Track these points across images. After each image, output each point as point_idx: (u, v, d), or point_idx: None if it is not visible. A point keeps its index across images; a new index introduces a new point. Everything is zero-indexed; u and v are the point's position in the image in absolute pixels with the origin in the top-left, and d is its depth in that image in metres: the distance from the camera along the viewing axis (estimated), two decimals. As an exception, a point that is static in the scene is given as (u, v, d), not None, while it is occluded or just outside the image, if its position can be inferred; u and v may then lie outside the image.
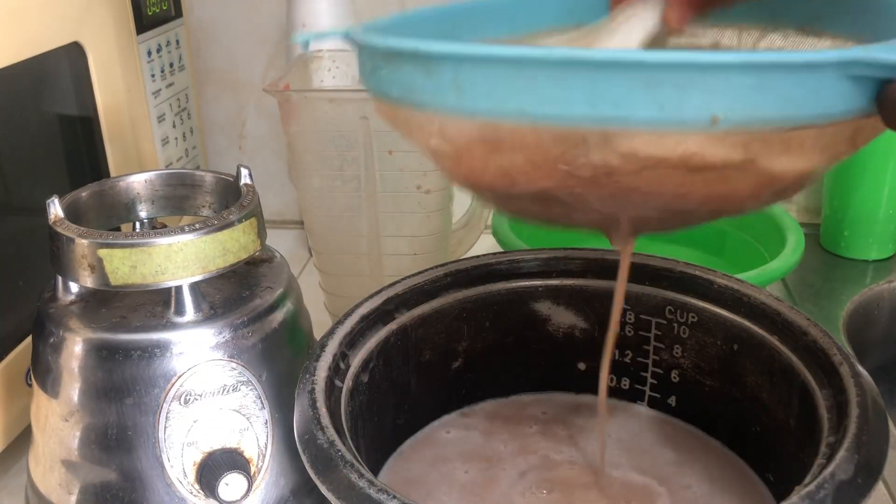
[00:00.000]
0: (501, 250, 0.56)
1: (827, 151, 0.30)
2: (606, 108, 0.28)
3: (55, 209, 0.43)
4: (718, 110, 0.27)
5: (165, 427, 0.42)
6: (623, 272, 0.42)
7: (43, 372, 0.44)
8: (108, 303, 0.44)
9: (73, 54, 0.57)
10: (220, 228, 0.42)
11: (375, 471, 0.46)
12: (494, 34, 0.43)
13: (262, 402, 0.44)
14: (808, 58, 0.27)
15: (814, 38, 0.40)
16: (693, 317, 0.48)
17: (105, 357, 0.42)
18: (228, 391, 0.43)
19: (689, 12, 0.37)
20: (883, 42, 0.29)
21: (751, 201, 0.33)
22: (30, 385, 0.46)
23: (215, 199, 0.49)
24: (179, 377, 0.42)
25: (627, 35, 0.38)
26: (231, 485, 0.41)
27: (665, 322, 0.49)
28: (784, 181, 0.31)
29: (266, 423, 0.44)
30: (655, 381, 0.50)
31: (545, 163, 0.30)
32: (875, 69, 0.27)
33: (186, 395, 0.42)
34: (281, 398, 0.44)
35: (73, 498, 0.43)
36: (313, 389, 0.39)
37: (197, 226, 0.42)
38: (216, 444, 0.42)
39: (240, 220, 0.43)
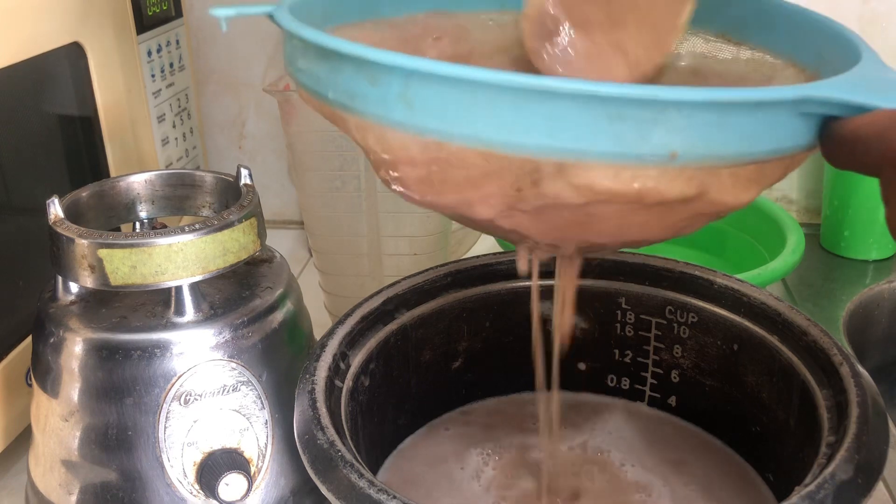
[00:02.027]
0: (501, 250, 0.56)
1: (766, 182, 0.31)
2: (565, 141, 0.27)
3: (55, 209, 0.43)
4: (678, 146, 0.27)
5: (165, 427, 0.42)
6: (567, 284, 0.41)
7: (43, 372, 0.44)
8: (108, 303, 0.44)
9: (73, 54, 0.57)
10: (220, 228, 0.42)
11: (375, 470, 0.46)
12: (415, 9, 0.41)
13: (262, 402, 0.44)
14: (768, 95, 0.27)
15: (733, 47, 0.40)
16: (693, 317, 0.48)
17: (105, 357, 0.42)
18: (228, 391, 0.43)
19: None
20: (831, 78, 0.29)
21: (689, 229, 0.33)
22: (30, 385, 0.46)
23: (215, 199, 0.49)
24: (179, 377, 0.42)
25: None
26: (231, 485, 0.41)
27: (665, 322, 0.49)
28: (726, 210, 0.31)
29: (266, 423, 0.44)
30: (655, 381, 0.50)
31: (493, 190, 0.29)
32: (826, 107, 0.28)
33: (186, 395, 0.42)
34: (281, 398, 0.44)
35: (73, 498, 0.43)
36: (313, 389, 0.39)
37: (197, 226, 0.42)
38: (216, 444, 0.42)
39: (240, 220, 0.43)
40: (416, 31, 0.42)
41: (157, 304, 0.43)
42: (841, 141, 0.28)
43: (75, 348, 0.42)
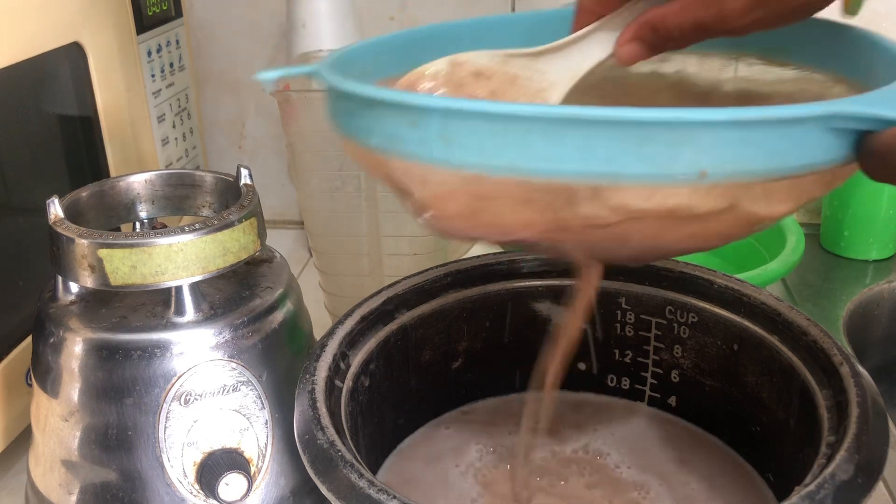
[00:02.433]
0: (501, 250, 0.56)
1: (805, 195, 0.31)
2: (598, 165, 0.28)
3: (55, 209, 0.43)
4: (707, 165, 0.27)
5: (165, 427, 0.42)
6: (585, 298, 0.41)
7: (43, 372, 0.44)
8: (108, 303, 0.44)
9: (73, 54, 0.57)
10: (220, 228, 0.42)
11: (375, 470, 0.46)
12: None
13: (262, 402, 0.44)
14: (792, 112, 0.28)
15: (778, 68, 0.41)
16: (693, 317, 0.48)
17: (105, 357, 0.42)
18: (228, 391, 0.43)
19: (640, 54, 0.37)
20: (863, 93, 0.30)
21: (727, 240, 0.33)
22: (30, 385, 0.46)
23: (215, 199, 0.49)
24: (179, 377, 0.42)
25: (579, 61, 0.38)
26: (231, 485, 0.41)
27: (665, 322, 0.49)
28: (763, 222, 0.31)
29: (266, 423, 0.44)
30: (655, 381, 0.50)
31: (532, 215, 0.31)
32: (855, 122, 0.28)
33: (186, 395, 0.42)
34: (281, 398, 0.44)
35: (73, 498, 0.43)
36: (313, 389, 0.39)
37: (197, 226, 0.42)
38: (216, 444, 0.42)
39: (240, 220, 0.43)
40: (454, 80, 0.42)
41: (157, 304, 0.43)
42: (876, 155, 0.28)
43: (75, 348, 0.42)
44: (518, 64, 0.39)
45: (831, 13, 0.38)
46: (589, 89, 0.42)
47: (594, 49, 0.38)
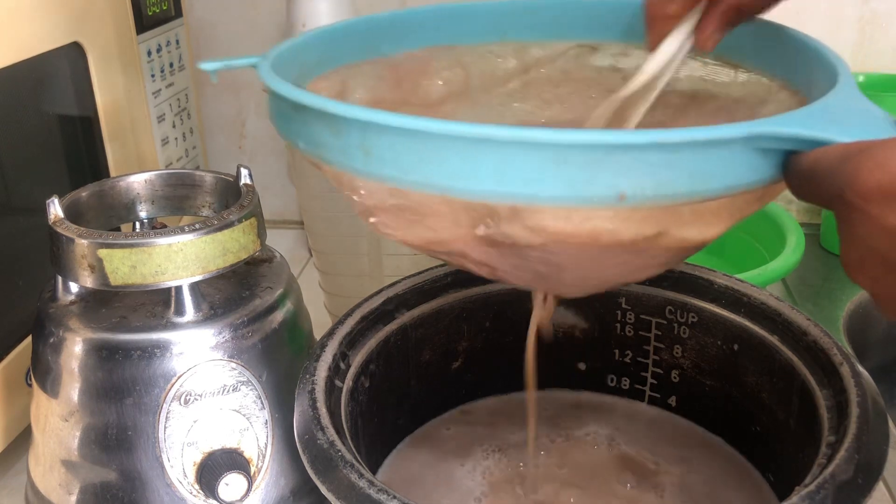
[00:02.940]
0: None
1: (736, 215, 0.31)
2: (514, 186, 0.27)
3: (55, 209, 0.43)
4: (626, 188, 0.27)
5: (165, 427, 0.42)
6: (535, 321, 0.42)
7: (43, 372, 0.44)
8: (108, 303, 0.44)
9: (73, 54, 0.57)
10: (220, 228, 0.42)
11: (375, 470, 0.46)
12: (414, 46, 0.42)
13: (262, 402, 0.44)
14: (714, 134, 0.27)
15: (730, 70, 0.41)
16: (693, 317, 0.48)
17: (105, 357, 0.42)
18: (228, 391, 0.43)
19: (720, 34, 0.37)
20: (787, 112, 0.29)
21: (663, 268, 0.33)
22: (30, 385, 0.46)
23: (215, 199, 0.49)
24: (179, 377, 0.42)
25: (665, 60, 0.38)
26: (231, 485, 0.41)
27: (665, 322, 0.49)
28: (696, 245, 0.31)
29: (266, 423, 0.44)
30: (655, 381, 0.50)
31: (457, 230, 0.30)
32: (780, 142, 0.28)
33: (186, 395, 0.42)
34: (281, 398, 0.44)
35: (73, 498, 0.43)
36: (313, 389, 0.39)
37: (197, 226, 0.41)
38: (216, 444, 0.42)
39: (240, 220, 0.43)
40: (414, 68, 0.42)
41: (157, 304, 0.43)
42: (799, 175, 0.28)
43: (75, 348, 0.42)
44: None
45: (823, 7, 0.38)
46: (547, 85, 0.42)
47: (673, 45, 0.38)
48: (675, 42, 0.38)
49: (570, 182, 0.27)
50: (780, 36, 0.39)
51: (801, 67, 0.37)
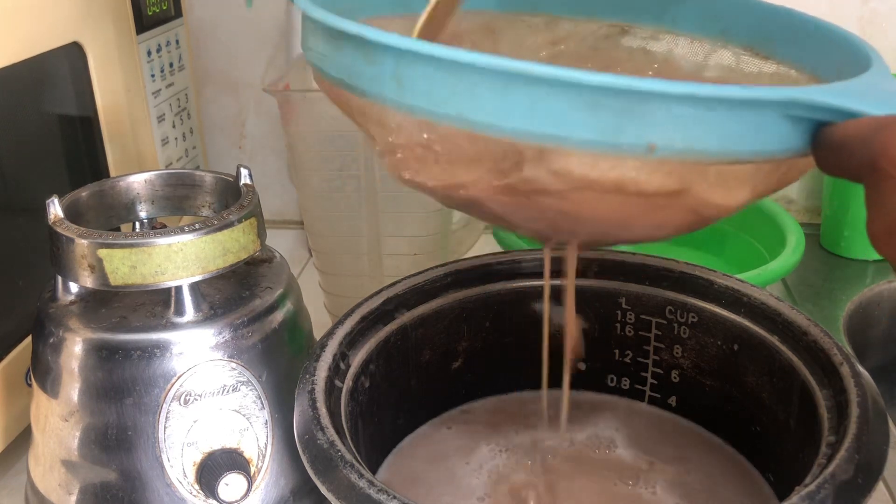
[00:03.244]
0: (501, 250, 0.56)
1: (760, 187, 0.30)
2: (544, 126, 0.27)
3: (55, 209, 0.43)
4: (656, 138, 0.27)
5: (165, 427, 0.42)
6: (570, 275, 0.41)
7: (43, 372, 0.44)
8: (108, 303, 0.44)
9: (73, 54, 0.57)
10: (220, 228, 0.42)
11: (375, 469, 0.46)
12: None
13: (262, 403, 0.44)
14: (748, 94, 0.27)
15: (760, 61, 0.41)
16: (693, 317, 0.48)
17: (105, 357, 0.42)
18: (228, 391, 0.43)
19: None
20: (823, 83, 0.29)
21: (680, 229, 0.33)
22: (30, 385, 0.46)
23: (215, 199, 0.49)
24: (179, 377, 0.42)
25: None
26: (231, 485, 0.41)
27: (665, 322, 0.49)
28: (715, 212, 0.31)
29: (266, 424, 0.44)
30: (655, 381, 0.50)
31: (480, 173, 0.30)
32: (813, 111, 0.28)
33: (186, 395, 0.42)
34: (281, 398, 0.44)
35: (73, 498, 0.43)
36: (313, 389, 0.39)
37: (197, 226, 0.41)
38: (216, 445, 0.42)
39: (240, 220, 0.43)
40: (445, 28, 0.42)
41: (157, 304, 0.43)
42: (829, 146, 0.28)
43: (75, 348, 0.42)
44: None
45: (824, 6, 0.38)
46: (575, 60, 0.42)
47: None
48: None
49: (602, 127, 0.27)
50: (809, 28, 0.38)
51: (831, 60, 0.37)
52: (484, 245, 0.69)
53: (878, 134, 0.26)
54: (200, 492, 0.42)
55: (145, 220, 0.50)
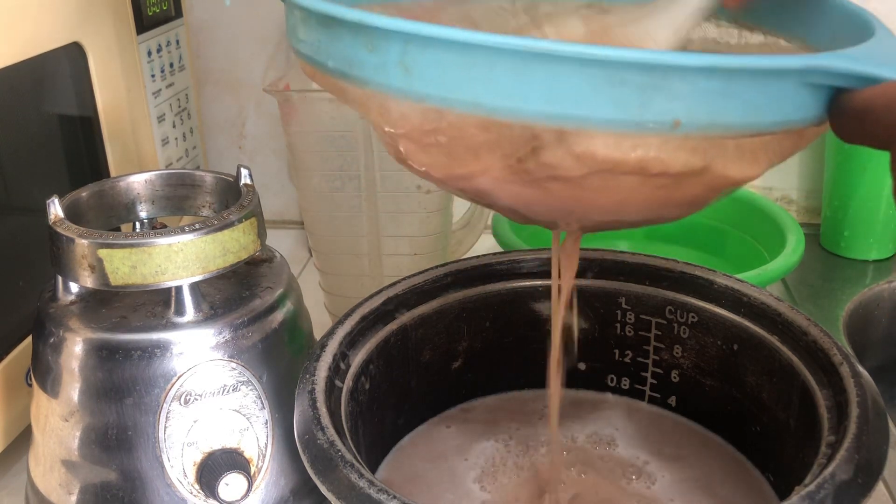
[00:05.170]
0: (501, 250, 0.56)
1: (773, 157, 0.30)
2: (565, 106, 0.26)
3: (55, 209, 0.43)
4: (681, 114, 0.26)
5: (165, 427, 0.42)
6: (569, 271, 0.40)
7: (43, 372, 0.44)
8: (108, 303, 0.44)
9: (73, 54, 0.57)
10: (220, 228, 0.42)
11: (375, 467, 0.46)
12: None
13: (262, 403, 0.44)
14: (770, 63, 0.27)
15: (746, 31, 0.40)
16: (693, 317, 0.48)
17: (105, 357, 0.42)
18: (228, 391, 0.43)
19: None
20: (838, 50, 0.29)
21: (692, 207, 0.32)
22: (30, 385, 0.46)
23: (215, 199, 0.49)
24: (179, 377, 0.42)
25: (677, 13, 0.36)
26: (231, 485, 0.41)
27: (665, 322, 0.49)
28: (732, 185, 0.30)
29: (266, 423, 0.44)
30: (655, 381, 0.50)
31: (490, 159, 0.29)
32: (833, 77, 0.27)
33: (186, 395, 0.42)
34: (281, 398, 0.44)
35: (73, 498, 0.43)
36: (313, 389, 0.39)
37: (197, 226, 0.42)
38: (216, 444, 0.42)
39: (240, 220, 0.43)
40: (422, 17, 0.41)
41: (157, 304, 0.43)
42: (850, 113, 0.27)
43: (75, 348, 0.42)
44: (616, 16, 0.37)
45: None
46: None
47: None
48: None
49: (625, 104, 0.26)
50: None
51: (822, 26, 0.36)
52: (484, 245, 0.69)
53: None
54: (200, 492, 0.42)
55: (145, 220, 0.50)
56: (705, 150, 0.28)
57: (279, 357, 0.45)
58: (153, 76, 0.68)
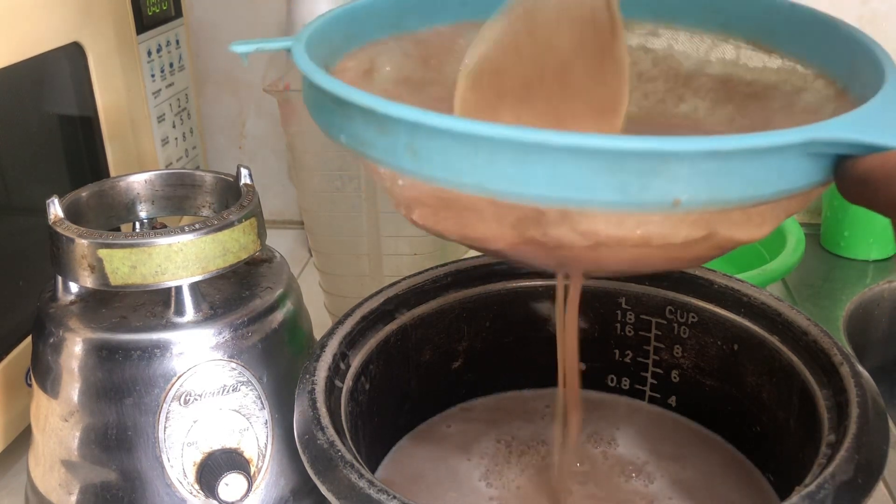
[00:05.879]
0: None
1: (783, 215, 0.31)
2: (566, 191, 0.27)
3: (55, 209, 0.43)
4: (681, 194, 0.27)
5: (165, 427, 0.42)
6: (573, 307, 0.41)
7: (43, 372, 0.44)
8: (108, 303, 0.44)
9: (73, 54, 0.57)
10: (220, 228, 0.42)
11: (375, 467, 0.46)
12: (441, 22, 0.41)
13: (262, 403, 0.44)
14: (770, 141, 0.27)
15: (763, 55, 0.40)
16: (693, 317, 0.48)
17: (105, 357, 0.42)
18: (228, 391, 0.43)
19: None
20: (841, 115, 0.29)
21: (703, 262, 0.33)
22: (30, 385, 0.46)
23: (215, 199, 0.49)
24: (179, 377, 0.42)
25: None
26: (231, 485, 0.41)
27: (665, 322, 0.49)
28: (741, 244, 0.31)
29: (266, 424, 0.44)
30: (655, 381, 0.50)
31: (503, 230, 0.30)
32: (834, 147, 0.27)
33: (186, 396, 0.42)
34: (281, 398, 0.44)
35: (73, 498, 0.43)
36: (313, 390, 0.39)
37: (197, 226, 0.42)
38: (216, 445, 0.42)
39: (240, 220, 0.43)
40: (440, 45, 0.41)
41: (157, 304, 0.43)
42: (853, 180, 0.27)
43: (75, 348, 0.42)
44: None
45: (824, 5, 0.38)
46: None
47: None
48: None
49: (625, 188, 0.26)
50: (816, 23, 0.38)
51: (840, 57, 0.36)
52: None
53: None
54: (200, 492, 0.42)
55: (145, 220, 0.50)
56: (707, 222, 0.29)
57: (279, 357, 0.45)
58: (153, 76, 0.68)
